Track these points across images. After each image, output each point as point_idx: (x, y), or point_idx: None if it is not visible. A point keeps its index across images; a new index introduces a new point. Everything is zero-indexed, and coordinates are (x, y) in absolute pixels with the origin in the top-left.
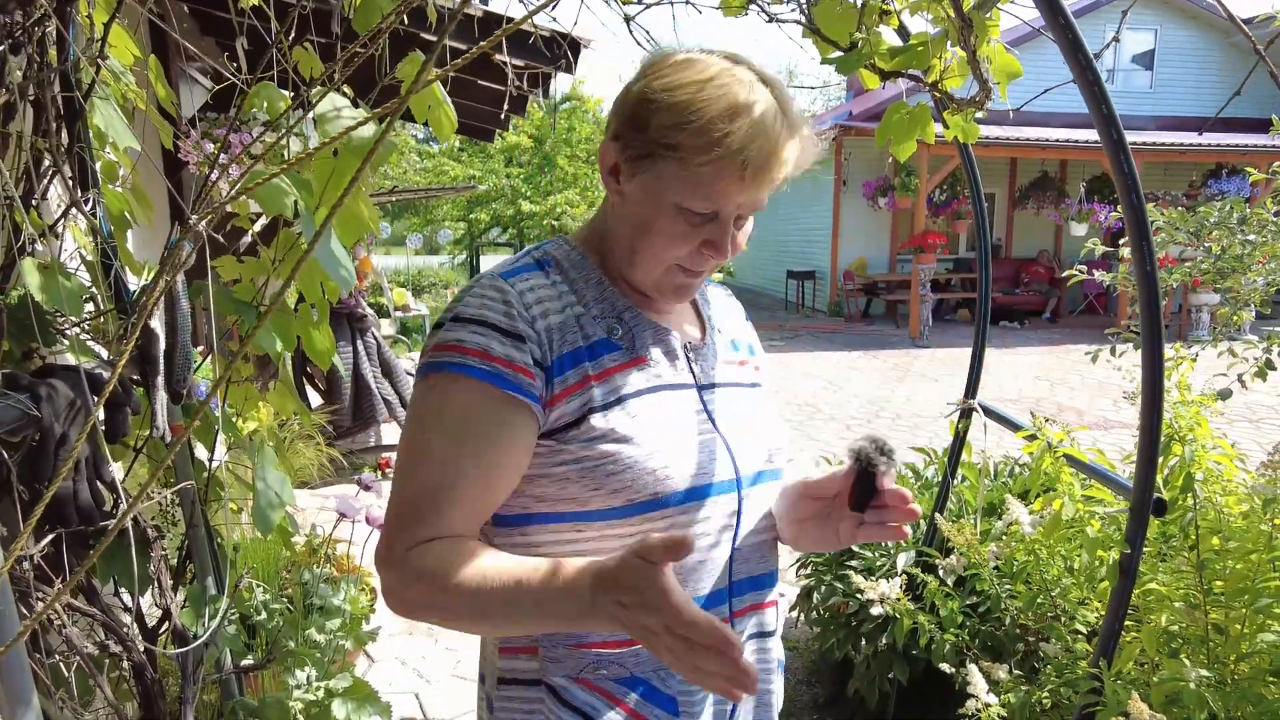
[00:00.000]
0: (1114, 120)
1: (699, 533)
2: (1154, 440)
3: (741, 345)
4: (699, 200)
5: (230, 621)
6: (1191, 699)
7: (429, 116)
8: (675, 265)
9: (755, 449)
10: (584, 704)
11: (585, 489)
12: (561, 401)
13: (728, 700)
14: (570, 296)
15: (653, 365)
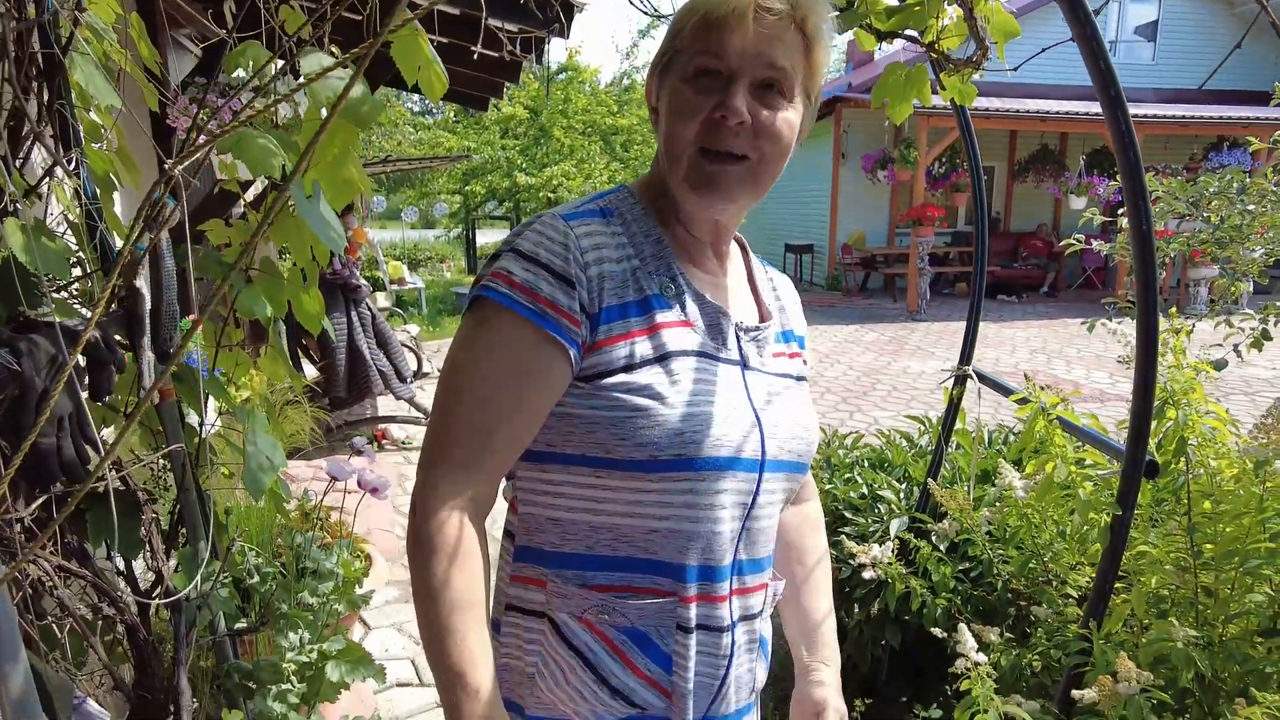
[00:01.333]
0: (1112, 77)
1: (715, 504)
2: (1147, 401)
3: (794, 337)
4: (699, 59)
5: (223, 585)
6: (1179, 659)
7: (419, 77)
8: (699, 150)
9: (785, 438)
10: (583, 643)
11: (613, 437)
12: (603, 349)
13: (717, 671)
14: (629, 249)
15: (699, 333)
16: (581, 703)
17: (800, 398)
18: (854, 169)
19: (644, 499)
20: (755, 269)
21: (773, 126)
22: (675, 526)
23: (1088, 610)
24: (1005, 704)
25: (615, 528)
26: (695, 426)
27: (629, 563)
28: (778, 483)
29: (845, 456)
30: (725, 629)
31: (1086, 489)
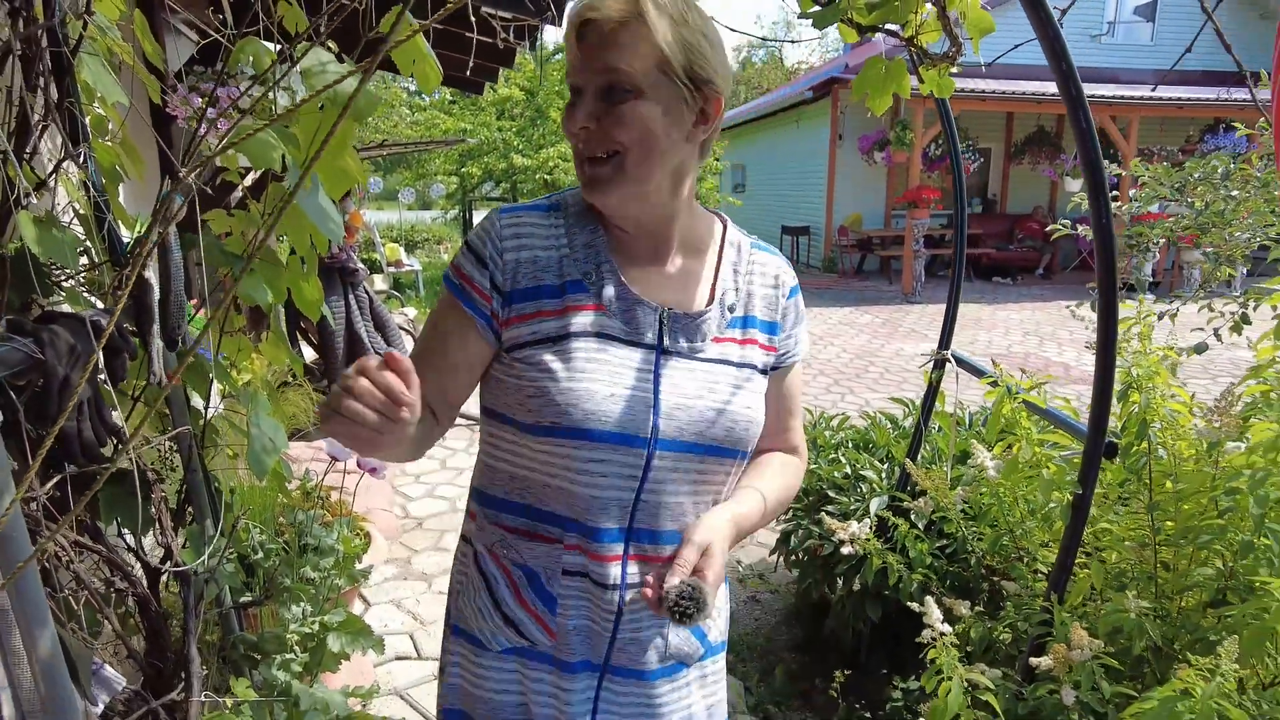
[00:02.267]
0: (1074, 78)
1: (596, 470)
2: (1107, 384)
3: (758, 324)
4: (568, 81)
5: (228, 560)
6: (1132, 627)
7: (414, 70)
8: (583, 160)
9: (695, 420)
10: (490, 573)
11: (515, 402)
12: (515, 324)
13: (605, 625)
14: (562, 239)
15: (611, 316)
16: (483, 622)
17: (736, 384)
18: (851, 150)
19: (539, 457)
20: (728, 258)
21: (620, 121)
22: (561, 485)
23: (1050, 584)
24: (969, 671)
25: (523, 479)
26: (575, 401)
27: (528, 510)
28: (682, 462)
29: (831, 438)
30: (613, 587)
31: (1051, 468)
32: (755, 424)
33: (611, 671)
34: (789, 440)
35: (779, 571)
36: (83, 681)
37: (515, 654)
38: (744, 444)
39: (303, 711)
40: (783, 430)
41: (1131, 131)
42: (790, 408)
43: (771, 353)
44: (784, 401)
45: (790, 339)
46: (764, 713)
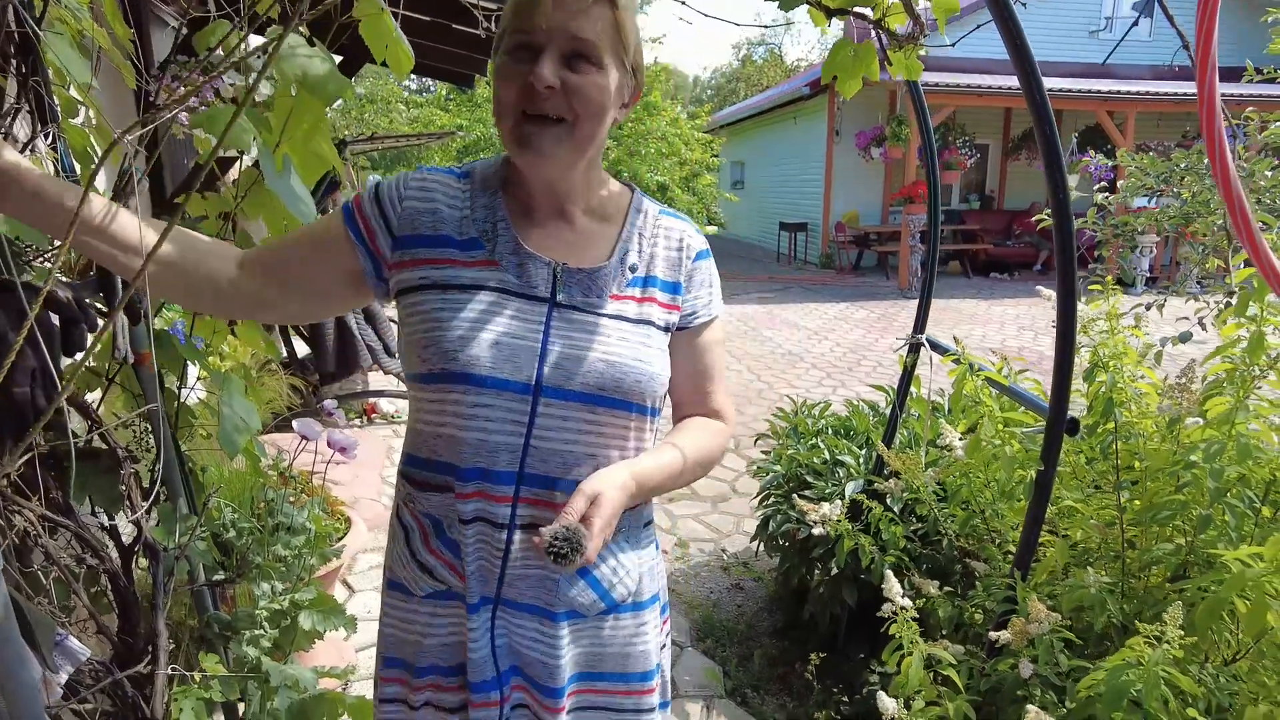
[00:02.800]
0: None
1: (482, 415)
2: (1067, 361)
3: (659, 283)
4: (515, 36)
5: (201, 538)
6: (1093, 603)
7: (386, 55)
8: (520, 115)
9: (583, 370)
10: (407, 524)
11: (414, 356)
12: (406, 269)
13: (495, 562)
14: (466, 203)
15: (505, 271)
16: (404, 569)
17: (628, 337)
18: (848, 147)
19: (431, 407)
20: (634, 220)
21: (581, 88)
22: (450, 432)
23: (1015, 562)
24: (931, 646)
25: (421, 432)
26: (460, 346)
27: (424, 461)
28: (571, 411)
29: (812, 425)
30: (502, 526)
31: (1015, 445)
32: (650, 378)
33: (504, 604)
34: (710, 404)
35: (761, 559)
36: (43, 649)
37: (434, 598)
38: (638, 397)
39: (273, 688)
40: (701, 394)
41: (1128, 127)
42: (706, 371)
43: (674, 311)
44: (698, 364)
45: (696, 299)
46: (742, 696)
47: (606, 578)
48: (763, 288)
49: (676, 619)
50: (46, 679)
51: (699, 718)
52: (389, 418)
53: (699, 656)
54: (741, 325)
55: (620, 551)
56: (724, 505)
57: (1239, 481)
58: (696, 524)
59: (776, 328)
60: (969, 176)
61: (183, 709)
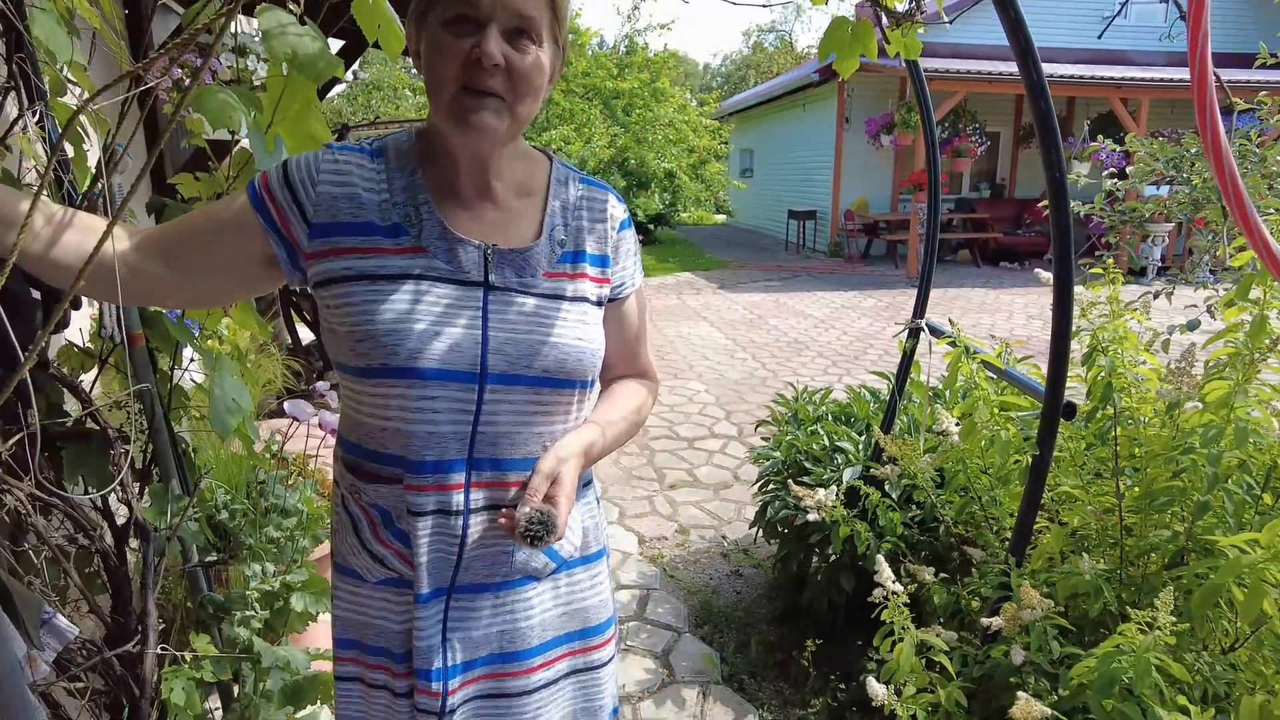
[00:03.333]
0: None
1: (428, 408)
2: (1063, 344)
3: (588, 258)
4: (456, 7)
5: (193, 519)
6: (1087, 589)
7: (379, 35)
8: (460, 90)
9: (525, 353)
10: (354, 514)
11: (345, 348)
12: (327, 258)
13: (452, 549)
14: (383, 184)
15: (433, 257)
16: (355, 558)
17: (567, 316)
18: (858, 134)
19: (373, 401)
20: (556, 193)
21: (524, 68)
22: (396, 426)
23: (1010, 548)
24: (923, 632)
25: (363, 424)
26: (399, 339)
27: (370, 454)
28: (516, 394)
29: (813, 411)
30: (456, 513)
31: (1010, 430)
32: (589, 354)
33: (458, 591)
34: (637, 365)
35: (761, 546)
36: (28, 627)
37: (387, 585)
38: (580, 374)
39: (266, 669)
40: (630, 356)
41: (1141, 114)
42: (635, 336)
43: (605, 284)
44: (626, 330)
45: (624, 270)
46: (738, 682)
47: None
48: (770, 276)
49: (675, 605)
50: (32, 656)
51: (695, 703)
52: None
53: (696, 643)
54: (748, 313)
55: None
56: (725, 492)
57: (1239, 468)
58: (698, 511)
59: (783, 316)
60: (980, 164)
61: (173, 688)
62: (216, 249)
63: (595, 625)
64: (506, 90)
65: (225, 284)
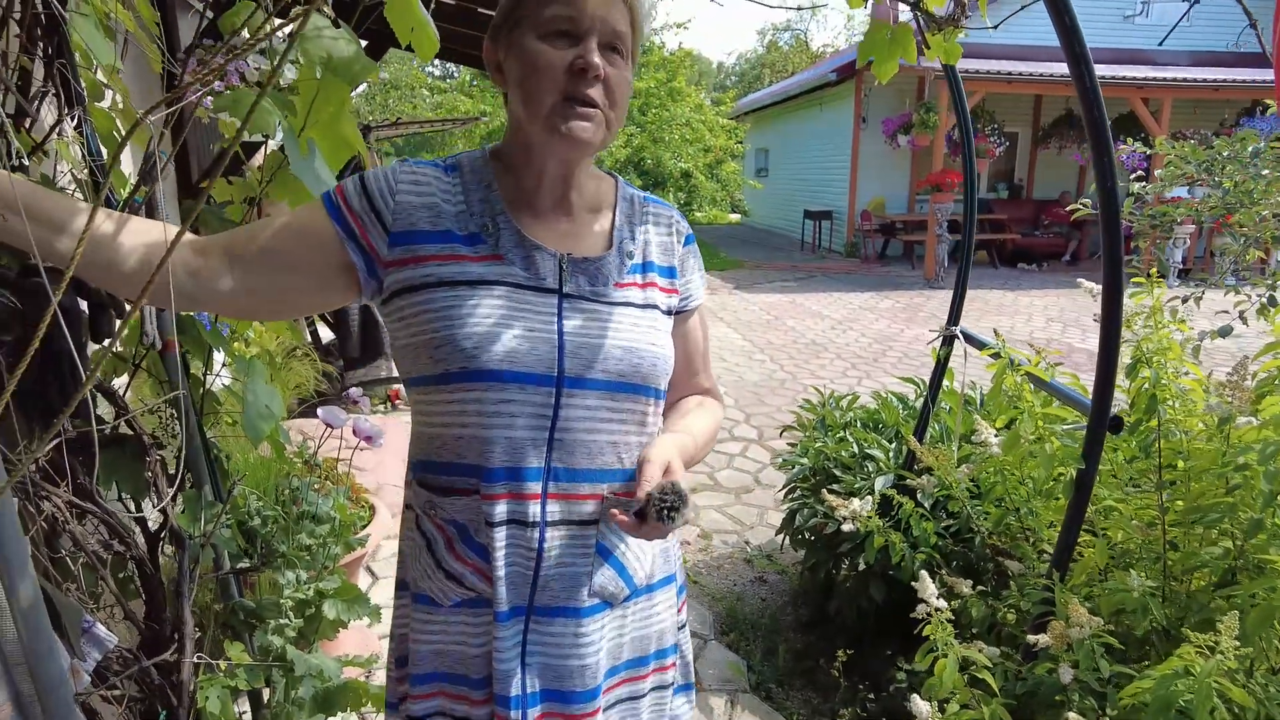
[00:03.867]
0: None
1: (506, 411)
2: (1111, 356)
3: (656, 268)
4: (553, 20)
5: (226, 525)
6: (1135, 607)
7: (412, 38)
8: (560, 101)
9: (601, 357)
10: (428, 531)
11: (423, 357)
12: (407, 266)
13: (529, 564)
14: (460, 196)
15: (510, 264)
16: (430, 581)
17: (639, 323)
18: (875, 134)
19: (449, 409)
20: (623, 209)
21: (620, 80)
22: (473, 433)
23: (1052, 562)
24: (966, 649)
25: (437, 436)
26: (480, 344)
27: (445, 466)
28: (592, 399)
29: (840, 417)
30: (533, 524)
31: (1053, 443)
32: (663, 359)
33: (536, 613)
34: (700, 384)
35: (785, 552)
36: (71, 637)
37: (464, 606)
38: (653, 380)
39: (298, 677)
40: (693, 374)
41: (1164, 114)
42: (698, 351)
43: (673, 295)
44: (690, 346)
45: (690, 284)
46: (766, 691)
47: (630, 563)
48: (786, 276)
49: (700, 611)
50: (74, 667)
51: (723, 712)
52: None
53: (723, 650)
54: (764, 314)
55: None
56: (747, 497)
57: None
58: (719, 515)
59: (800, 317)
60: (997, 165)
61: (208, 697)
62: (290, 256)
63: (650, 653)
64: (604, 101)
65: (296, 293)
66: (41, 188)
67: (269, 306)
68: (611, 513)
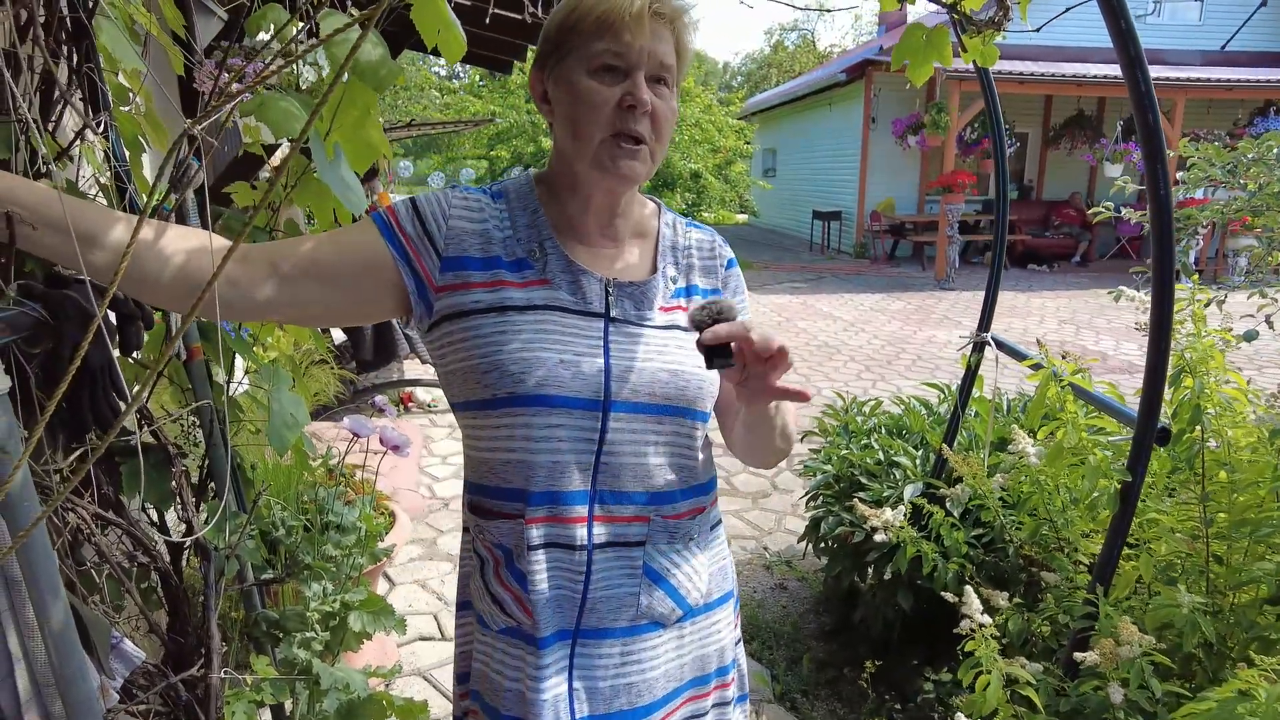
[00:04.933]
0: (1133, 37)
1: (553, 435)
2: (1161, 367)
3: (700, 292)
4: (601, 55)
5: (250, 536)
6: (1184, 624)
7: (439, 40)
8: (609, 137)
9: (648, 381)
10: (481, 553)
11: (471, 382)
12: (457, 292)
13: (576, 586)
14: (507, 222)
15: (557, 288)
16: (481, 603)
17: (684, 345)
18: (884, 134)
19: (496, 434)
20: (665, 234)
21: (666, 114)
22: (519, 457)
23: (1095, 575)
24: (1009, 665)
25: (485, 460)
26: (528, 368)
27: (492, 490)
28: (639, 423)
29: (863, 423)
30: (580, 548)
31: (1097, 455)
32: (709, 382)
33: (583, 635)
34: None
35: (807, 559)
36: (100, 654)
37: (507, 634)
38: (699, 403)
39: (323, 690)
40: None
41: (1176, 114)
42: None
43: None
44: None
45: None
46: (791, 701)
47: (682, 584)
48: (795, 278)
49: None
50: (103, 685)
51: None
52: (425, 407)
53: (745, 659)
54: (775, 316)
55: (693, 556)
56: (764, 501)
57: None
58: (737, 520)
59: (811, 319)
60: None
61: (235, 712)
62: (338, 272)
63: (710, 672)
64: (651, 136)
65: (337, 308)
66: (76, 199)
67: (308, 318)
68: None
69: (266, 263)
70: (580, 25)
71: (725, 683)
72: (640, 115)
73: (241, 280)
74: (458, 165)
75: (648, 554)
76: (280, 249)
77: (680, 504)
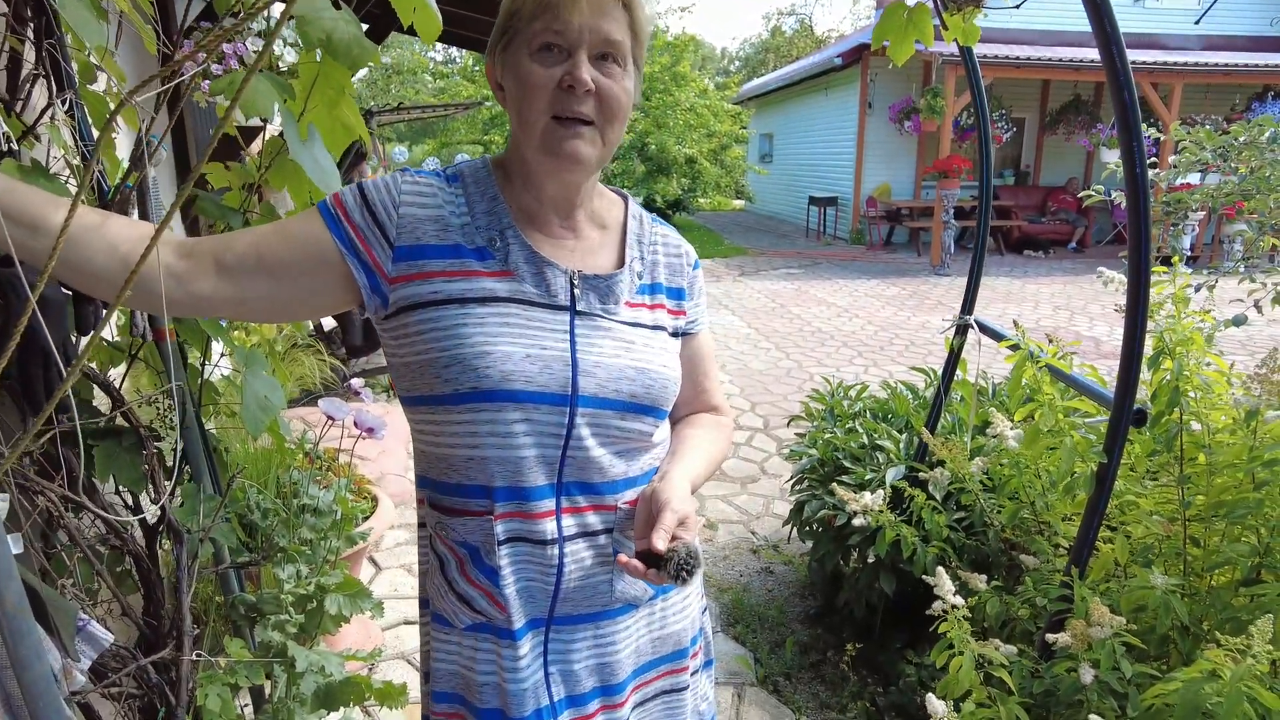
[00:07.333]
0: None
1: (520, 431)
2: (1136, 347)
3: (664, 290)
4: (541, 35)
5: (225, 519)
6: (1157, 605)
7: (415, 19)
8: (551, 120)
9: (614, 377)
10: (441, 552)
11: (430, 376)
12: (413, 282)
13: (548, 579)
14: (464, 208)
15: (521, 280)
16: (443, 601)
17: (650, 344)
18: (881, 119)
19: (458, 430)
20: (633, 228)
21: (614, 92)
22: (484, 453)
23: (1071, 557)
24: (982, 646)
25: (446, 457)
26: (492, 363)
27: (455, 487)
28: (604, 419)
29: (849, 407)
30: (551, 542)
31: (1075, 437)
32: (672, 381)
33: (556, 623)
34: (709, 401)
35: (793, 543)
36: (64, 636)
37: (477, 630)
38: (662, 401)
39: (299, 673)
40: (701, 393)
41: (1173, 99)
42: (705, 370)
43: (680, 316)
44: (698, 365)
45: (697, 307)
46: (773, 684)
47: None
48: (791, 263)
49: (706, 602)
50: (67, 667)
51: (730, 706)
52: None
53: (729, 642)
54: (770, 302)
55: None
56: (753, 486)
57: None
58: (725, 505)
59: (805, 304)
60: (1004, 151)
61: (208, 694)
62: (284, 266)
63: (683, 648)
64: (597, 115)
65: (288, 302)
66: (16, 181)
67: (261, 314)
68: (620, 559)
69: (210, 256)
70: (523, 8)
71: (695, 652)
72: (582, 95)
73: (184, 274)
74: (452, 150)
75: (616, 540)
76: (225, 242)
77: (644, 488)
